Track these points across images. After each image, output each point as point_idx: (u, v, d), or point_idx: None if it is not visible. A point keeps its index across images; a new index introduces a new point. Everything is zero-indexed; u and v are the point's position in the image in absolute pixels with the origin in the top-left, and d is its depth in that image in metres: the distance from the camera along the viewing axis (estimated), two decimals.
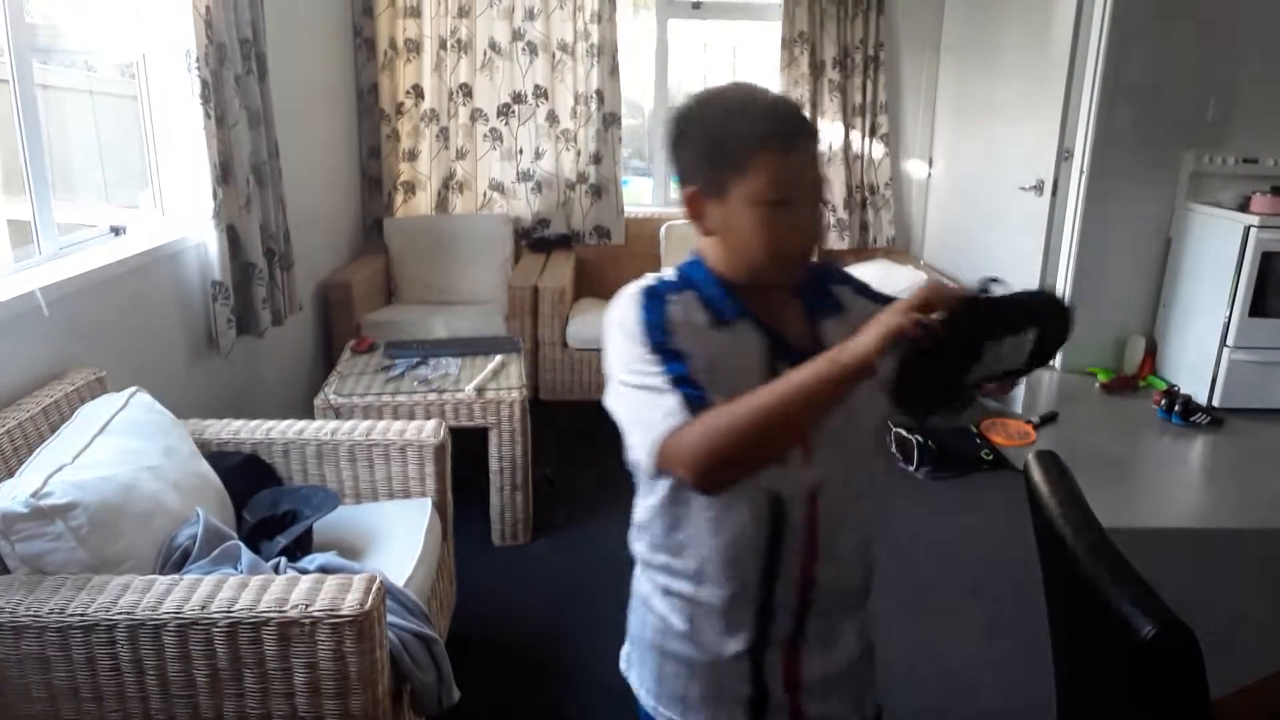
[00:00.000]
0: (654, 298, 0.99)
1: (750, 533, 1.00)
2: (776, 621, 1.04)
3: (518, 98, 4.35)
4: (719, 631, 1.04)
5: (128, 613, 1.41)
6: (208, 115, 2.47)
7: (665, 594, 1.07)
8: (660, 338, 0.95)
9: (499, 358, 2.95)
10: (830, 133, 4.54)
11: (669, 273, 1.05)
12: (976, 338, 0.85)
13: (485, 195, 4.45)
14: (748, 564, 1.01)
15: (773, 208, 0.96)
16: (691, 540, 1.02)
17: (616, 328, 0.98)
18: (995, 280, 0.86)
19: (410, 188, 4.39)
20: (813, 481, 1.00)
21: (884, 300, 1.05)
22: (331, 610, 1.41)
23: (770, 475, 0.94)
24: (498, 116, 4.36)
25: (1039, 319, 0.89)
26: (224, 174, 2.58)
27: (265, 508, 1.97)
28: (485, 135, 4.38)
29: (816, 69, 4.45)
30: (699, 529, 1.01)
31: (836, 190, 4.58)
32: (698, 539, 1.02)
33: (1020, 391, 3.86)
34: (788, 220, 0.97)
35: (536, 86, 4.33)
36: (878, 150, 4.64)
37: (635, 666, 1.15)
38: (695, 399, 0.89)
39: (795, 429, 0.89)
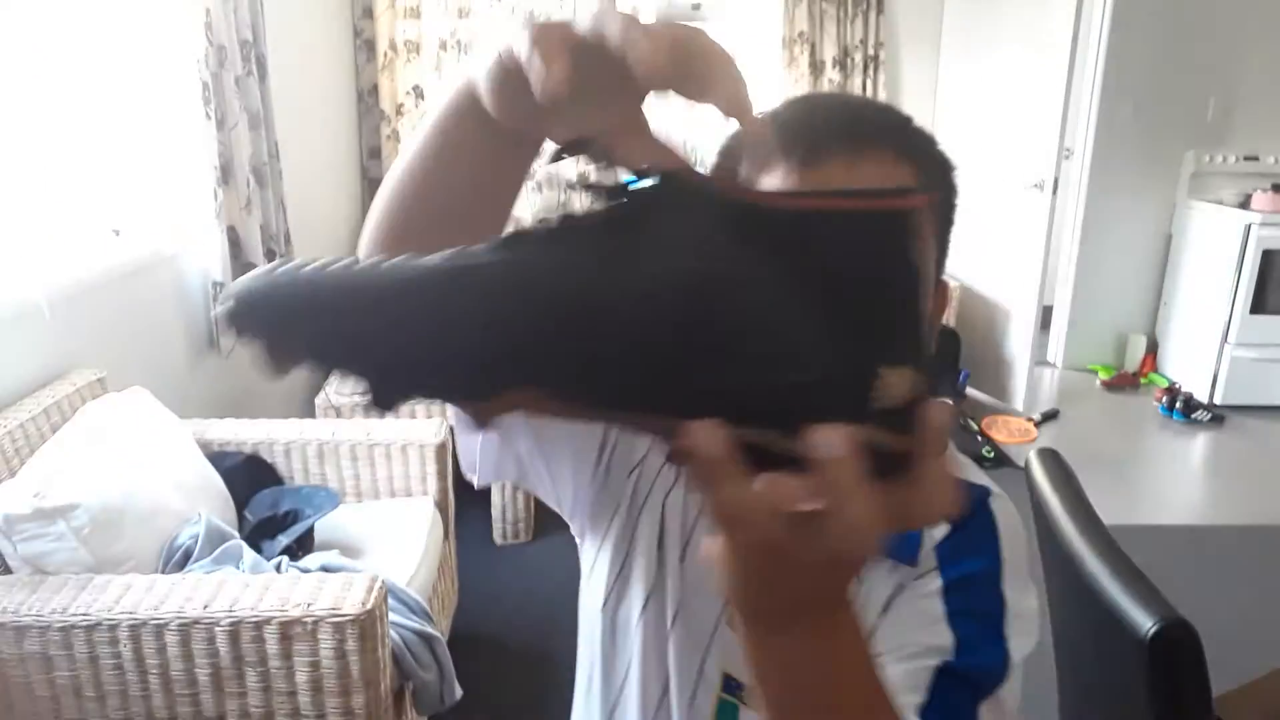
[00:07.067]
0: None
1: None
2: None
3: None
4: None
5: (130, 612, 1.41)
6: (208, 117, 2.47)
7: None
8: None
9: None
10: None
11: None
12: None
13: None
14: None
15: None
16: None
17: None
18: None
19: None
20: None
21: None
22: (333, 609, 1.41)
23: None
24: None
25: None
26: (224, 175, 2.58)
27: (267, 507, 1.98)
28: None
29: (816, 69, 4.44)
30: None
31: None
32: None
33: (1021, 389, 3.86)
34: None
35: None
36: None
37: None
38: None
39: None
